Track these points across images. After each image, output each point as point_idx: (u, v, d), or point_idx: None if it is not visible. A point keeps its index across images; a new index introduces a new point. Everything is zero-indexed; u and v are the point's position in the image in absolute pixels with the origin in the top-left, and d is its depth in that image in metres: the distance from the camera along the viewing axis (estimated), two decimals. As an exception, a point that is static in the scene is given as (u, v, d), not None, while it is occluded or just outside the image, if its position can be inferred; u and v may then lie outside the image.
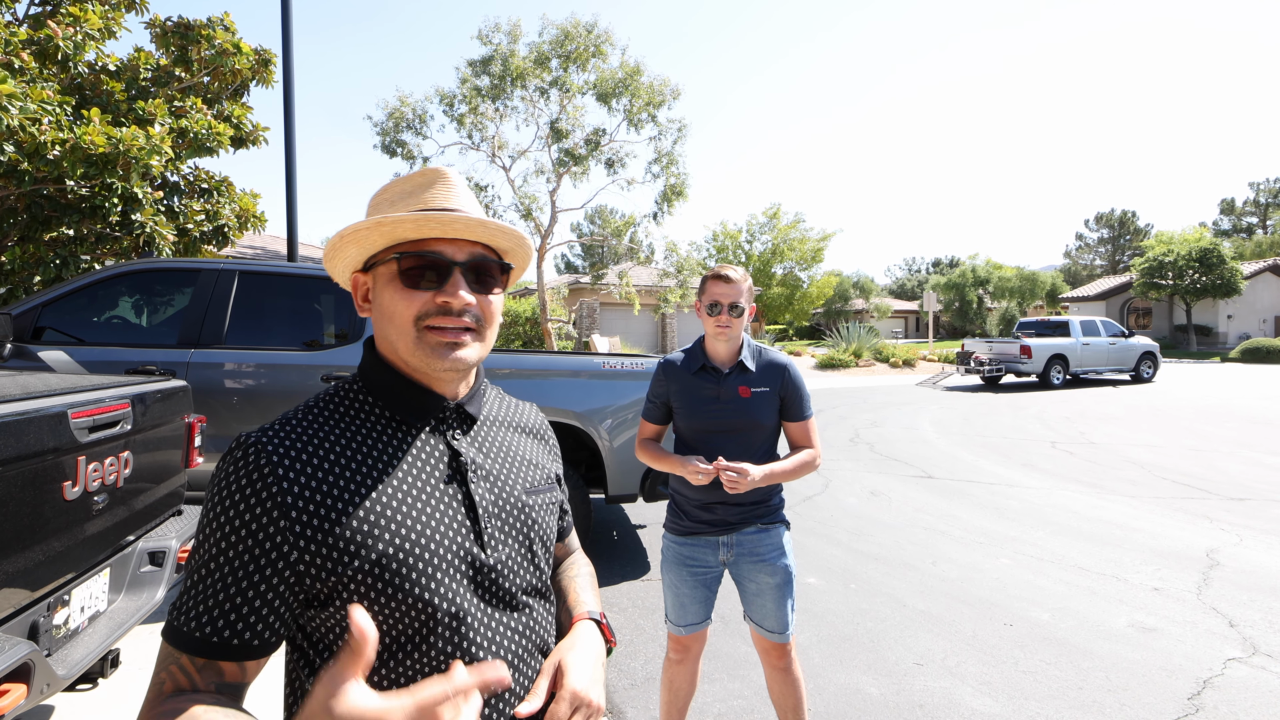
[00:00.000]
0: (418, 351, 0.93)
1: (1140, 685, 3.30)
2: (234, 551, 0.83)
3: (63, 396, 2.24)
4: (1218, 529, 5.80)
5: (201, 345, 4.51)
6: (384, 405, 0.97)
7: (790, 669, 2.44)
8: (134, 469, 2.65)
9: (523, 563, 1.00)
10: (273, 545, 0.84)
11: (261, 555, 0.83)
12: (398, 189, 1.00)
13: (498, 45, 20.99)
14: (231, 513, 0.84)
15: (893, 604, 4.30)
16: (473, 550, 0.93)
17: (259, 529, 0.84)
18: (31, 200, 5.93)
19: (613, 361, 4.99)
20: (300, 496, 0.85)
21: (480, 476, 0.99)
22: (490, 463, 1.02)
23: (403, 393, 0.97)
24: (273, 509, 0.84)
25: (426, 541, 0.89)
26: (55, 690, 2.05)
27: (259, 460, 0.86)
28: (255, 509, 0.84)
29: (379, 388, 0.98)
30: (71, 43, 5.96)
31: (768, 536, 2.42)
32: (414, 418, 0.97)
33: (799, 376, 2.47)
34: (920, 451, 9.59)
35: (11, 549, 1.96)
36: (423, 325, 0.93)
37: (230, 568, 0.83)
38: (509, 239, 1.00)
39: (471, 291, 0.94)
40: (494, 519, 0.97)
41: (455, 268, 0.93)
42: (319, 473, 0.88)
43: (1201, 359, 31.38)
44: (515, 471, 1.05)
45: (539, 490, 1.07)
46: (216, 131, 6.71)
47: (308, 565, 0.84)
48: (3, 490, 1.91)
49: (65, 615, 2.27)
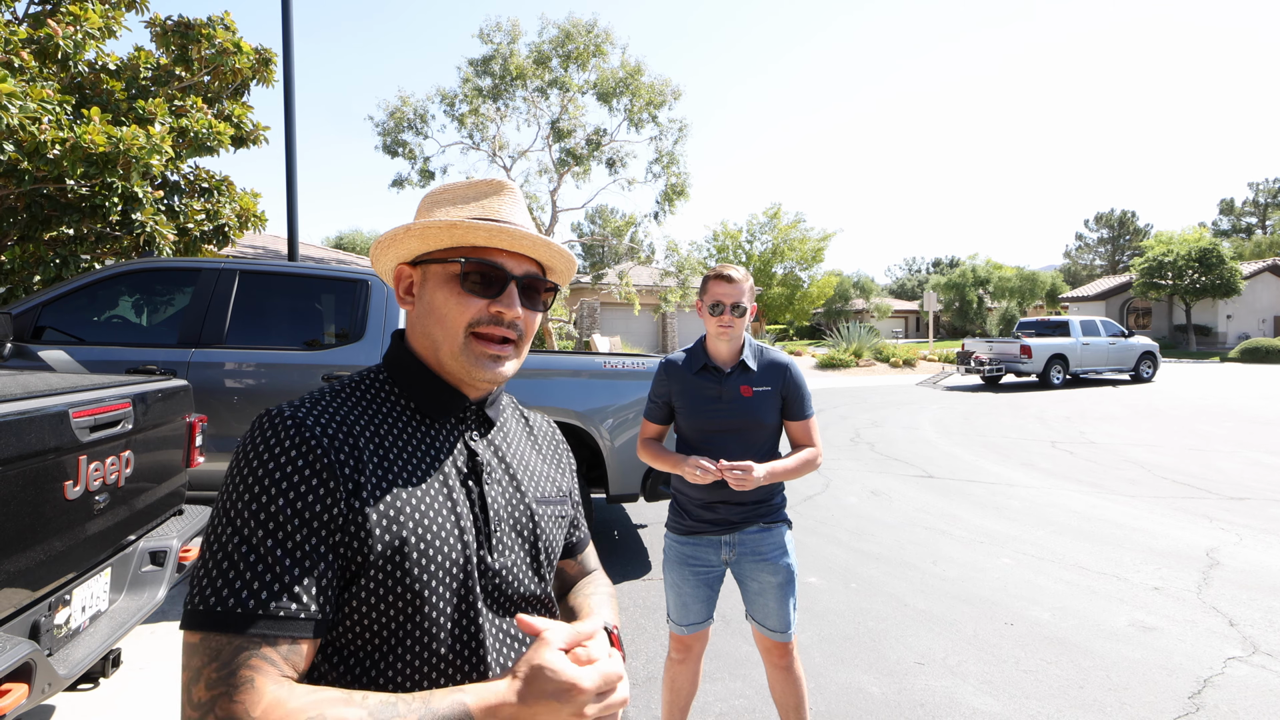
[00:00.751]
0: (462, 357, 0.95)
1: (1141, 684, 3.30)
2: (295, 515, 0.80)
3: (64, 396, 2.24)
4: (1218, 528, 5.80)
5: (202, 345, 4.51)
6: (409, 398, 0.98)
7: (792, 668, 2.44)
8: (135, 468, 2.65)
9: (526, 570, 0.99)
10: (324, 508, 0.81)
11: (317, 518, 0.81)
12: (461, 192, 1.01)
13: (498, 45, 21.01)
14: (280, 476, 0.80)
15: (894, 603, 4.30)
16: (479, 552, 0.93)
17: (312, 491, 0.81)
18: (31, 199, 5.92)
19: (614, 361, 4.99)
20: (342, 466, 0.84)
21: (494, 480, 0.99)
22: (504, 468, 1.03)
23: (431, 389, 0.98)
24: (322, 471, 0.82)
25: (443, 536, 0.89)
26: (56, 690, 2.04)
27: (301, 429, 0.83)
28: (305, 471, 0.81)
29: (407, 381, 0.98)
30: (71, 42, 5.96)
31: (770, 535, 2.42)
32: (437, 414, 0.98)
33: (800, 376, 2.47)
34: (921, 451, 9.59)
35: (13, 548, 1.95)
36: (471, 331, 0.94)
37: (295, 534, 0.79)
38: (563, 261, 1.04)
39: (521, 306, 0.97)
40: (503, 523, 0.97)
41: (513, 281, 0.96)
42: (354, 449, 0.86)
43: (1201, 359, 31.39)
44: (527, 479, 1.05)
45: (549, 501, 1.07)
46: (217, 131, 6.71)
47: (344, 537, 0.82)
48: (4, 490, 1.91)
49: (66, 615, 2.27)
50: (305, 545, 0.79)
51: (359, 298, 4.83)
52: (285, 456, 0.81)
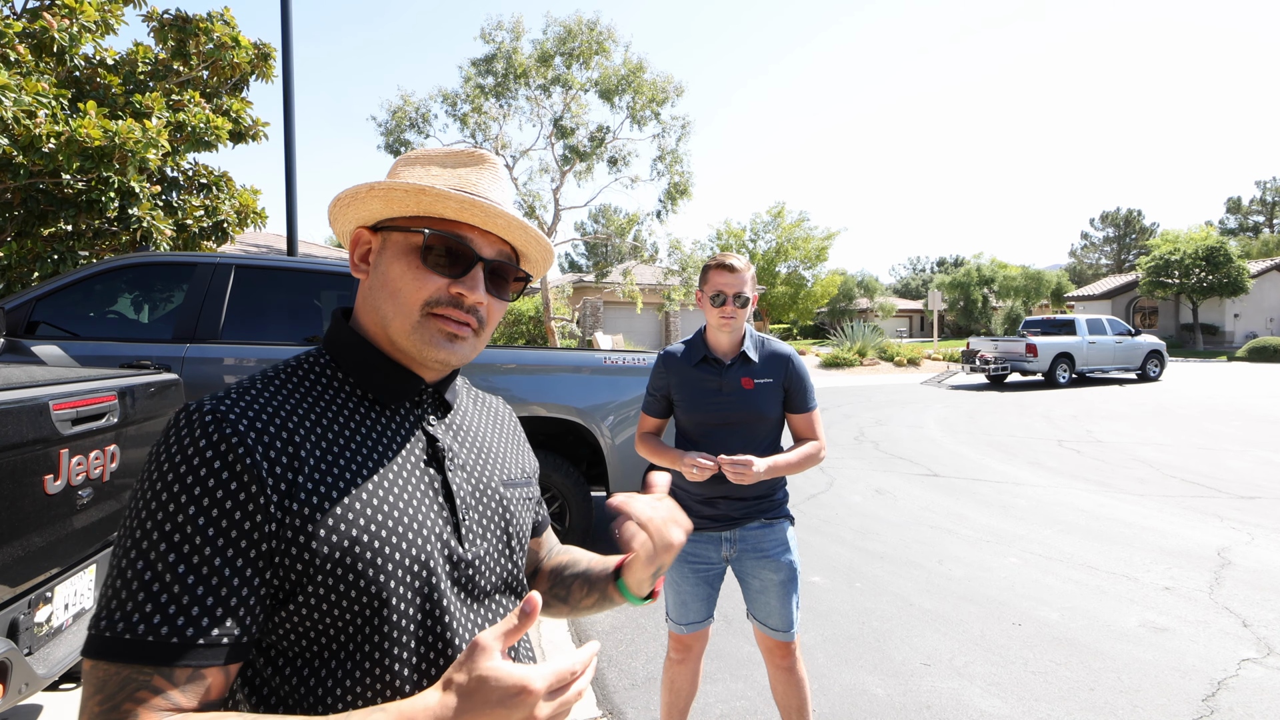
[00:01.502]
0: (414, 335, 0.86)
1: (1153, 686, 3.22)
2: (206, 526, 0.71)
3: (46, 388, 2.18)
4: (1229, 528, 5.71)
5: (197, 340, 4.45)
6: (356, 382, 0.88)
7: (794, 668, 2.37)
8: (121, 463, 2.58)
9: (499, 558, 0.93)
10: (245, 516, 0.72)
11: (236, 529, 0.72)
12: (438, 158, 0.92)
13: (501, 43, 20.97)
14: (192, 481, 0.71)
15: (899, 603, 4.22)
16: (450, 543, 0.85)
17: (230, 498, 0.72)
18: (27, 194, 5.87)
19: (614, 357, 4.93)
20: (271, 467, 0.75)
21: (457, 466, 0.91)
22: (466, 452, 0.95)
23: (382, 371, 0.89)
24: (243, 474, 0.72)
25: (404, 530, 0.80)
26: (35, 689, 1.99)
27: (221, 427, 0.74)
28: (223, 475, 0.72)
29: (353, 363, 0.89)
30: (67, 35, 5.90)
31: (771, 532, 2.34)
32: (389, 399, 0.89)
33: (803, 367, 2.40)
34: (926, 450, 9.51)
35: (-11, 544, 1.89)
36: (428, 310, 0.85)
37: (204, 547, 0.70)
38: (539, 249, 0.95)
39: (485, 292, 0.88)
40: (472, 510, 0.90)
41: (480, 262, 0.87)
42: (288, 445, 0.77)
43: (1208, 358, 31.21)
44: (491, 463, 0.98)
45: (516, 484, 1.00)
46: (215, 126, 6.65)
47: (277, 545, 0.74)
48: (-21, 483, 1.85)
49: (48, 612, 2.21)
50: (215, 560, 0.70)
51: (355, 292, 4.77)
52: (200, 458, 0.72)
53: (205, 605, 0.69)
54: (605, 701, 3.14)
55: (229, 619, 0.70)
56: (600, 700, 3.14)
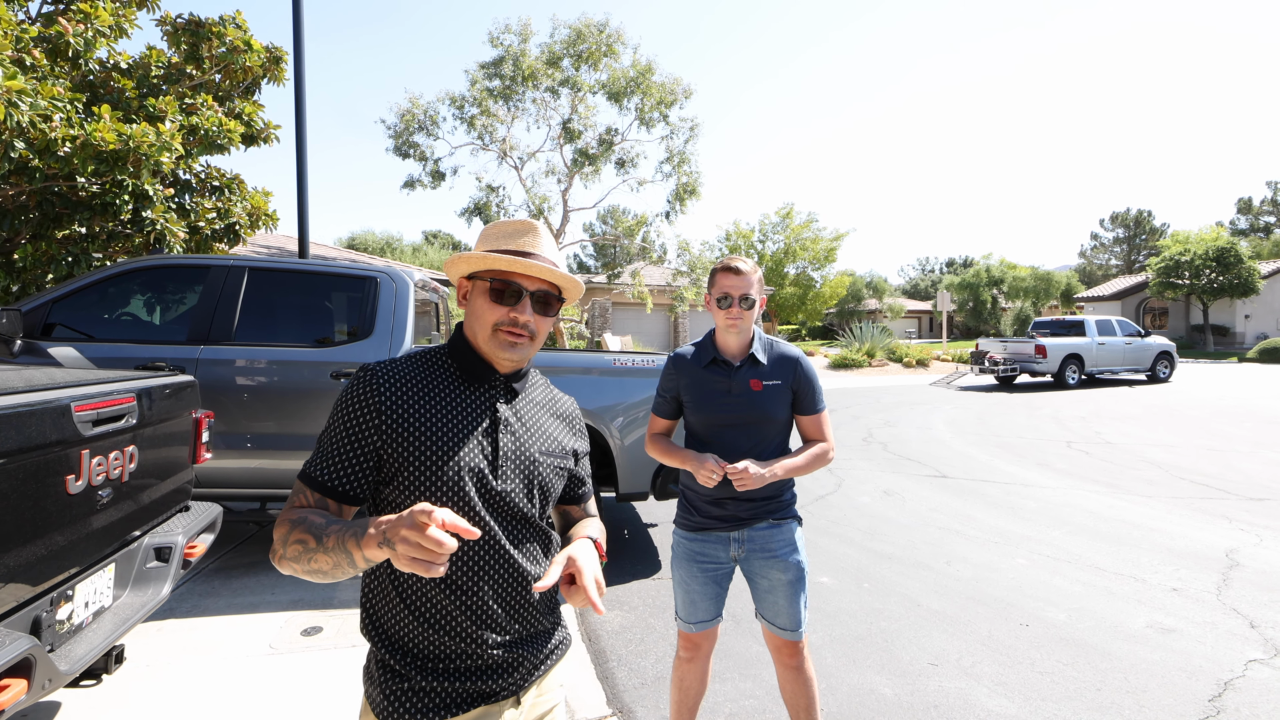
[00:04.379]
0: (490, 343, 1.36)
1: (1160, 687, 3.23)
2: (344, 431, 1.28)
3: (67, 390, 2.22)
4: (1237, 529, 5.70)
5: (211, 341, 4.51)
6: (458, 367, 1.39)
7: (803, 668, 2.40)
8: (140, 464, 2.63)
9: (521, 496, 1.35)
10: (364, 429, 1.27)
11: (357, 434, 1.27)
12: (503, 229, 1.41)
13: (509, 46, 21.01)
14: (346, 405, 1.29)
15: (907, 604, 4.24)
16: (488, 476, 1.31)
17: (358, 418, 1.28)
18: (43, 197, 5.93)
19: (624, 359, 4.95)
20: (388, 403, 1.29)
21: (508, 431, 1.37)
22: (518, 424, 1.41)
23: (472, 362, 1.39)
24: (369, 407, 1.28)
25: (460, 459, 1.29)
26: (57, 686, 2.03)
27: (370, 378, 1.31)
28: (360, 406, 1.28)
29: (458, 356, 1.40)
30: (82, 40, 5.97)
31: (779, 532, 2.37)
32: (474, 380, 1.39)
33: (811, 369, 2.42)
34: (934, 451, 9.50)
35: (13, 543, 1.94)
36: (497, 328, 1.35)
37: (340, 441, 1.27)
38: (568, 283, 1.41)
39: (533, 313, 1.36)
40: (509, 461, 1.35)
41: (526, 294, 1.36)
42: (404, 393, 1.31)
43: (1218, 359, 31.00)
44: (535, 435, 1.42)
45: (551, 454, 1.43)
46: (227, 129, 6.71)
47: (383, 448, 1.27)
48: (4, 483, 1.89)
49: (69, 610, 2.25)
50: (340, 446, 1.27)
51: (368, 295, 4.81)
52: (352, 391, 1.30)
53: (331, 465, 1.26)
54: (615, 700, 3.16)
55: (341, 475, 1.26)
56: (610, 699, 3.17)
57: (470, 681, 1.27)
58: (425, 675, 1.25)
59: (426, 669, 1.26)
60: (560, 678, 1.46)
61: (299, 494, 1.26)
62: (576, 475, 1.55)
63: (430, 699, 1.24)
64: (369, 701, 1.28)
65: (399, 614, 1.28)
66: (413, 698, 1.24)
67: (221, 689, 3.11)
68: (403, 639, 1.27)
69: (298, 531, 1.15)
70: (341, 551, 1.09)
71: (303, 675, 3.26)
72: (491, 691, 1.29)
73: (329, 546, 1.11)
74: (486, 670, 1.29)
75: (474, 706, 1.27)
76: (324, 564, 1.12)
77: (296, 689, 3.13)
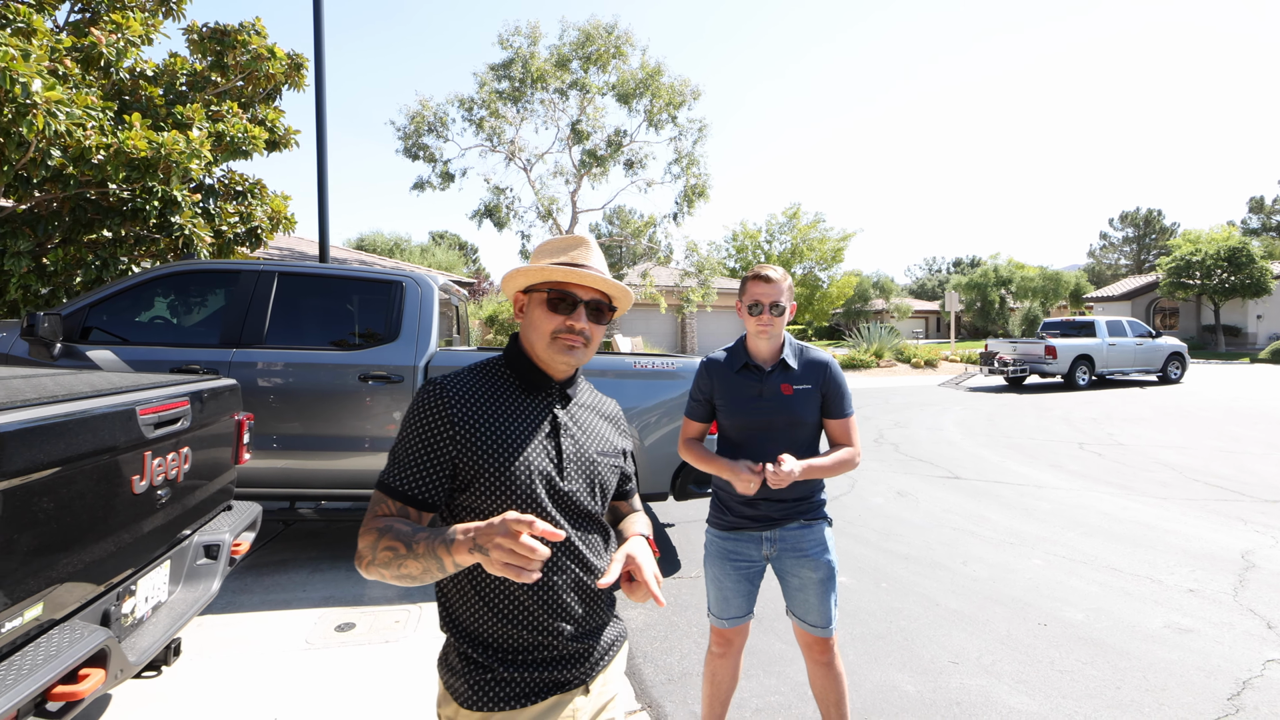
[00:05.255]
0: (548, 350, 1.45)
1: (1179, 685, 3.30)
2: (419, 443, 1.36)
3: (130, 394, 2.32)
4: (1252, 531, 5.75)
5: (243, 345, 4.62)
6: (516, 377, 1.48)
7: (833, 663, 2.48)
8: (192, 464, 2.73)
9: (585, 494, 1.46)
10: (440, 440, 1.36)
11: (433, 445, 1.35)
12: (556, 245, 1.50)
13: (518, 48, 21.11)
14: (420, 418, 1.37)
15: (925, 603, 4.31)
16: (555, 478, 1.41)
17: (433, 430, 1.36)
18: (75, 204, 6.07)
19: (643, 361, 5.04)
20: (460, 415, 1.37)
21: (568, 434, 1.48)
22: (575, 427, 1.51)
23: (529, 371, 1.48)
24: (443, 419, 1.36)
25: (529, 463, 1.38)
26: (127, 676, 2.13)
27: (440, 391, 1.39)
28: (433, 417, 1.36)
29: (516, 366, 1.49)
30: (114, 49, 6.10)
31: (810, 532, 2.45)
32: (532, 388, 1.48)
33: (840, 374, 2.51)
34: (945, 452, 9.56)
35: (88, 540, 2.04)
36: (555, 335, 1.44)
37: (416, 452, 1.36)
38: (619, 293, 1.50)
39: (587, 321, 1.45)
40: (572, 462, 1.45)
41: (581, 304, 1.45)
42: (473, 405, 1.40)
43: (1230, 360, 30.89)
44: (592, 437, 1.53)
45: (606, 454, 1.54)
46: (252, 135, 6.83)
47: (458, 457, 1.36)
48: (80, 483, 1.99)
49: (132, 605, 2.36)
50: (417, 458, 1.35)
51: (394, 299, 4.91)
52: (424, 403, 1.38)
53: (410, 475, 1.35)
54: (643, 695, 3.25)
55: (420, 484, 1.35)
56: (639, 694, 3.26)
57: (547, 671, 1.36)
58: (506, 666, 1.34)
59: (507, 660, 1.35)
60: (620, 667, 1.55)
61: (380, 503, 1.35)
62: (625, 473, 1.66)
63: (511, 688, 1.34)
64: (450, 691, 1.37)
65: (477, 609, 1.37)
66: (495, 687, 1.33)
67: (263, 682, 3.21)
68: (481, 633, 1.37)
69: (386, 539, 1.24)
70: (432, 558, 1.18)
71: (340, 670, 3.35)
72: (565, 681, 1.38)
73: (419, 553, 1.20)
74: (561, 660, 1.38)
75: (550, 695, 1.36)
76: (414, 569, 1.21)
77: (335, 683, 3.23)
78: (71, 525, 1.96)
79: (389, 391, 4.68)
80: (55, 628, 1.94)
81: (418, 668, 3.38)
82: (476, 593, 1.37)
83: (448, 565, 1.17)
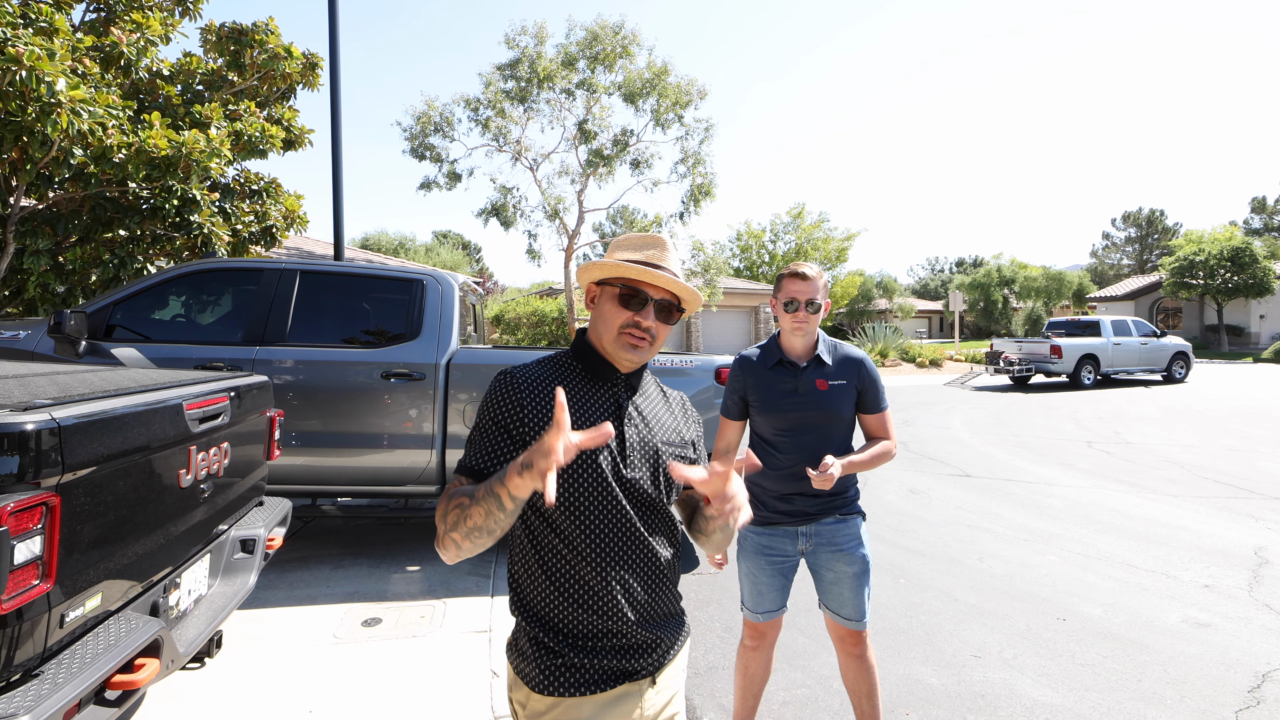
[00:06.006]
0: (615, 344, 1.48)
1: (1199, 678, 3.34)
2: (493, 426, 1.42)
3: (175, 390, 2.36)
4: (1264, 528, 5.78)
5: (266, 342, 4.66)
6: (584, 368, 1.52)
7: (865, 656, 2.52)
8: (231, 460, 2.77)
9: (649, 484, 1.48)
10: (510, 421, 1.41)
11: (505, 426, 1.41)
12: (634, 241, 1.55)
13: (524, 48, 21.12)
14: (494, 406, 1.43)
15: (944, 598, 4.35)
16: (618, 464, 1.44)
17: (505, 412, 1.42)
18: (95, 202, 6.11)
19: (663, 359, 5.08)
20: (529, 398, 1.43)
21: (632, 424, 1.50)
22: (639, 417, 1.53)
23: (596, 362, 1.52)
24: (514, 402, 1.42)
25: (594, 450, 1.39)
26: (176, 667, 2.17)
27: (511, 379, 1.45)
28: (504, 404, 1.42)
29: (584, 357, 1.53)
30: (134, 49, 6.14)
31: (845, 527, 2.49)
32: (599, 378, 1.51)
33: (874, 369, 2.54)
34: (955, 450, 9.59)
35: (140, 532, 2.08)
36: (622, 330, 1.47)
37: (491, 434, 1.42)
38: (689, 294, 1.51)
39: (655, 319, 1.48)
40: (635, 450, 1.48)
41: (650, 302, 1.47)
42: (542, 390, 1.44)
43: (1233, 359, 30.90)
44: (657, 427, 1.55)
45: (671, 444, 1.56)
46: (269, 134, 6.88)
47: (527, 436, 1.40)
48: (135, 476, 2.03)
49: (177, 597, 2.40)
50: (491, 437, 1.41)
51: (415, 297, 4.95)
52: (497, 390, 1.45)
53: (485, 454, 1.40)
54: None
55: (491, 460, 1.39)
56: (666, 687, 3.29)
57: (617, 659, 1.39)
58: (577, 653, 1.37)
59: (578, 646, 1.38)
60: (683, 663, 1.57)
61: (455, 481, 1.39)
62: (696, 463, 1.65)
63: (582, 674, 1.36)
64: (520, 676, 1.40)
65: (547, 592, 1.40)
66: (567, 673, 1.36)
67: (295, 676, 3.25)
68: (552, 618, 1.40)
69: (454, 501, 1.29)
70: (490, 497, 1.21)
71: (369, 664, 3.39)
72: (634, 670, 1.41)
73: (479, 497, 1.24)
74: (631, 649, 1.41)
75: (619, 684, 1.39)
76: (478, 517, 1.24)
77: (365, 677, 3.27)
78: (126, 517, 2.00)
79: (410, 389, 4.72)
80: (110, 618, 1.98)
81: (446, 663, 3.42)
82: (545, 573, 1.41)
83: (504, 499, 1.19)
